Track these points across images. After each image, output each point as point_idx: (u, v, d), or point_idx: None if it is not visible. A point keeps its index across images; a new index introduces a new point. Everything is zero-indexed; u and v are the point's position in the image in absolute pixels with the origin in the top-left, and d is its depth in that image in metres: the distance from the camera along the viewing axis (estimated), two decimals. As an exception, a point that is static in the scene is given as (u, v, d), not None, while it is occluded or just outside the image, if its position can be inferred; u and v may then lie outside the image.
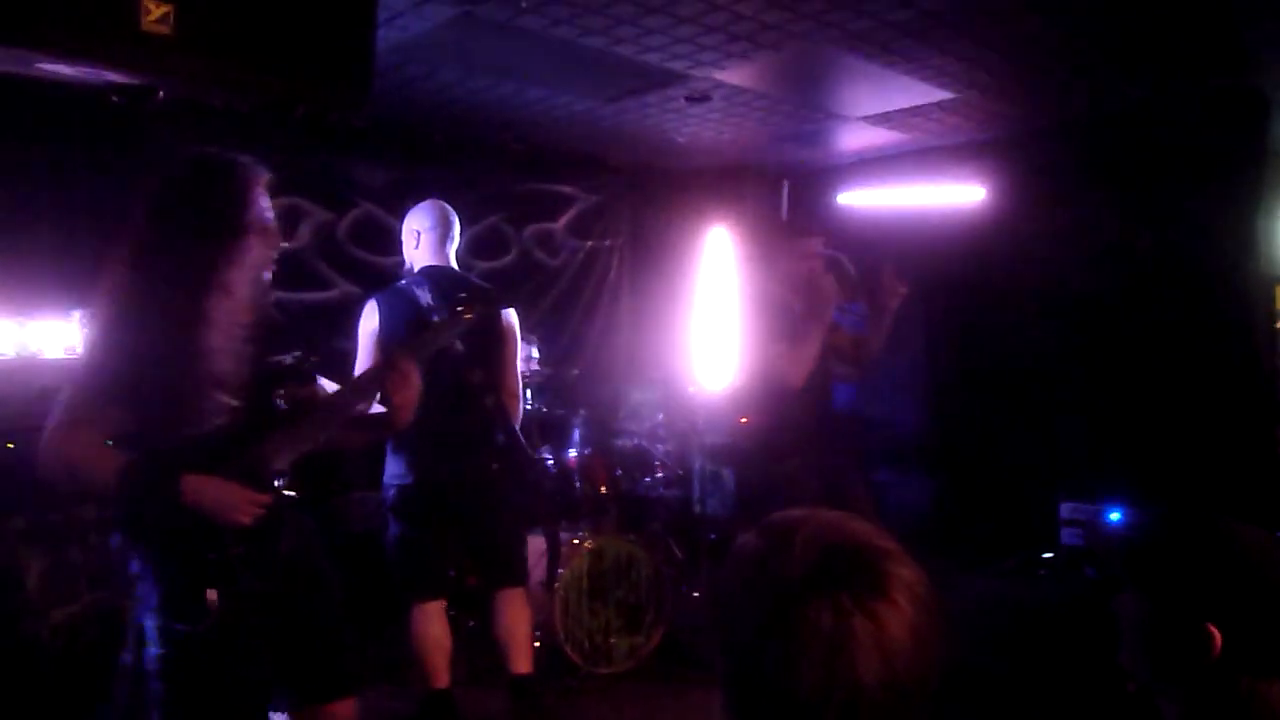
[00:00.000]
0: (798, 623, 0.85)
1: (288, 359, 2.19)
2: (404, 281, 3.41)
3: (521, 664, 3.34)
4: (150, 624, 1.98)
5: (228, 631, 1.98)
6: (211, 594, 1.94)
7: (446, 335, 2.46)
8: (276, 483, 2.10)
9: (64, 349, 3.64)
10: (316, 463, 4.36)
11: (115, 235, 2.04)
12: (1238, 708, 1.21)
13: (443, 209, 3.47)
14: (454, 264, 3.48)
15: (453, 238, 3.48)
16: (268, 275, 2.16)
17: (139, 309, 1.96)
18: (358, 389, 2.26)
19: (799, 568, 0.88)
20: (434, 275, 3.37)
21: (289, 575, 2.12)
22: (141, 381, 1.92)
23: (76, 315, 3.67)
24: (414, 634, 3.31)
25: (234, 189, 2.06)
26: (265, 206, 2.12)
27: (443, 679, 3.30)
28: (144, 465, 1.92)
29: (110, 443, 1.94)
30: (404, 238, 3.51)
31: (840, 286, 4.44)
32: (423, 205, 3.49)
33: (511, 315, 3.48)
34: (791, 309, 3.64)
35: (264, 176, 2.14)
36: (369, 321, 3.28)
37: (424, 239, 3.43)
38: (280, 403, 2.12)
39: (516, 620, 3.35)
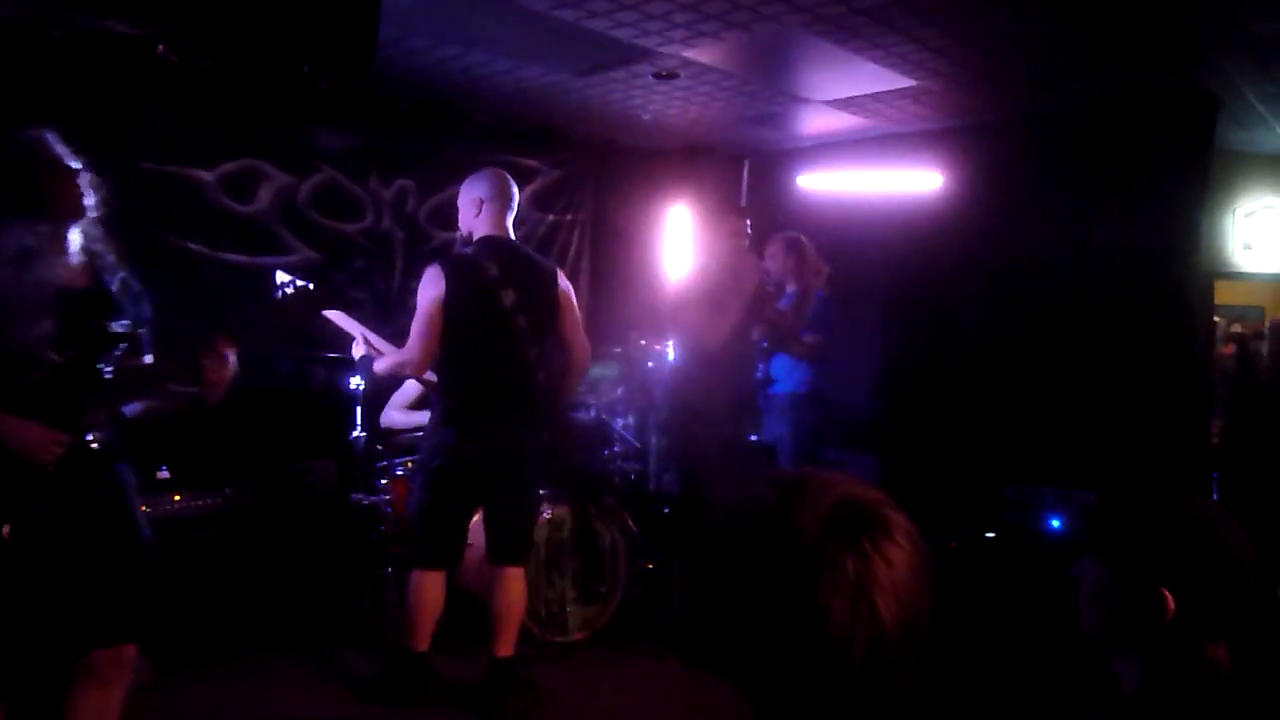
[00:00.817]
0: (826, 570, 0.90)
1: (116, 326, 2.35)
2: (468, 250, 3.38)
3: (505, 647, 3.35)
4: None
5: (17, 562, 2.16)
6: (5, 528, 2.14)
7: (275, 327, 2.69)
8: (89, 435, 2.28)
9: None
10: (273, 430, 4.37)
11: None
12: (1187, 668, 1.29)
13: (504, 179, 3.44)
14: (512, 234, 3.47)
15: (512, 208, 3.45)
16: (72, 247, 2.30)
17: None
18: (176, 365, 2.38)
19: (818, 518, 0.92)
20: (496, 246, 3.37)
21: (86, 520, 2.28)
22: None
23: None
24: (411, 595, 3.33)
25: (21, 167, 2.24)
26: (70, 184, 2.27)
27: (423, 643, 3.33)
28: None
29: None
30: (463, 205, 3.47)
31: (800, 268, 4.57)
32: (485, 173, 3.46)
33: (565, 283, 3.50)
34: (719, 281, 3.91)
35: (54, 149, 2.27)
36: (434, 288, 3.26)
37: (486, 208, 3.39)
38: (102, 364, 2.31)
39: (515, 601, 3.38)
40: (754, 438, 5.52)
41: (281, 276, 2.64)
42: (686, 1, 3.60)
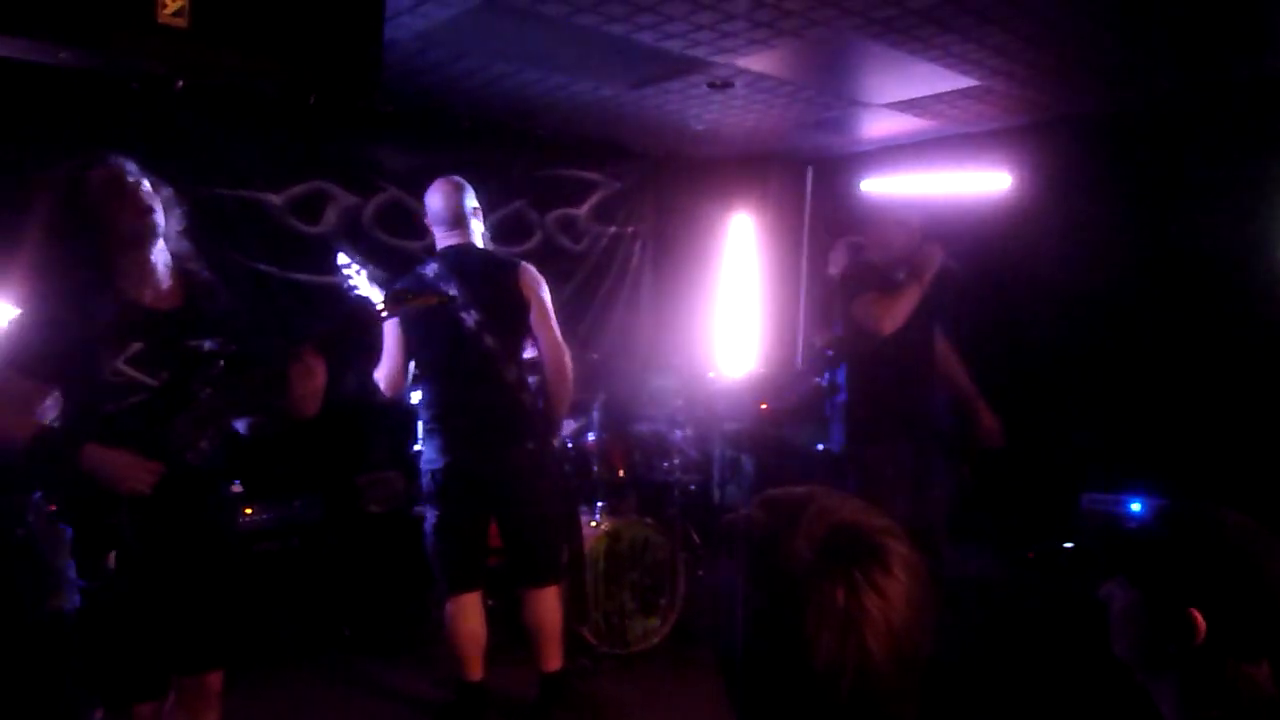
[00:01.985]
0: (814, 600, 0.89)
1: (207, 344, 2.33)
2: (427, 270, 3.31)
3: (550, 661, 3.29)
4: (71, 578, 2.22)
5: (124, 592, 2.18)
6: (110, 556, 2.15)
7: (363, 326, 2.55)
8: (190, 455, 2.26)
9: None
10: (340, 443, 4.48)
11: None
12: (1226, 690, 1.22)
13: (447, 186, 3.35)
14: (476, 240, 3.35)
15: (466, 211, 3.33)
16: (159, 268, 2.30)
17: (42, 292, 2.22)
18: (266, 378, 2.33)
19: (810, 546, 0.91)
20: (455, 259, 3.29)
21: (185, 547, 2.29)
22: (46, 355, 2.16)
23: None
24: (448, 628, 3.26)
25: (91, 192, 2.22)
26: (138, 202, 2.24)
27: (475, 672, 3.26)
28: (54, 432, 2.18)
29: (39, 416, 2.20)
30: (428, 223, 3.46)
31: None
32: (431, 187, 3.40)
33: (529, 275, 3.30)
34: (888, 272, 3.54)
35: (123, 171, 2.26)
36: None
37: (438, 222, 3.35)
38: (195, 386, 2.27)
39: (545, 619, 3.26)
40: (821, 447, 5.46)
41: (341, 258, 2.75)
42: (734, 11, 3.58)
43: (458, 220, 3.33)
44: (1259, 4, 3.50)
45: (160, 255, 2.30)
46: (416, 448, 4.21)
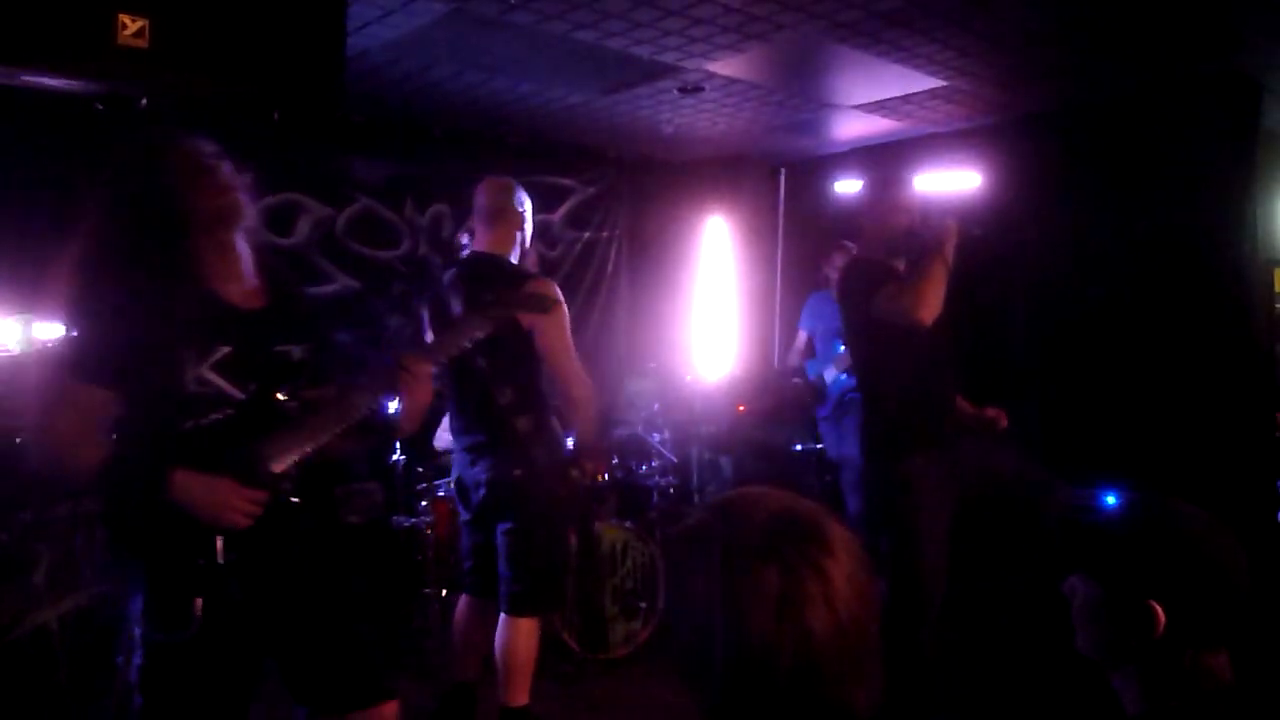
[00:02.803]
0: (746, 584, 0.91)
1: (297, 351, 2.02)
2: (445, 278, 3.20)
3: (507, 694, 3.07)
4: (136, 630, 1.87)
5: (211, 644, 1.84)
6: (198, 603, 1.81)
7: (464, 337, 2.21)
8: (281, 484, 1.94)
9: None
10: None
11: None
12: (1185, 680, 1.25)
13: (487, 183, 3.21)
14: (506, 247, 3.14)
15: (484, 218, 3.15)
16: (243, 260, 1.96)
17: (104, 289, 1.84)
18: (369, 389, 2.04)
19: (745, 535, 0.94)
20: (466, 262, 3.17)
21: (285, 585, 1.98)
22: (114, 355, 1.79)
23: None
24: (453, 624, 3.29)
25: (175, 168, 1.89)
26: (219, 180, 1.93)
27: (467, 673, 3.25)
28: (131, 456, 1.81)
29: (103, 432, 1.83)
30: None
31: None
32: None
33: (543, 295, 2.68)
34: (889, 263, 3.22)
35: (209, 149, 1.97)
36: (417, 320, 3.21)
37: (475, 219, 3.22)
38: (286, 398, 1.95)
39: (501, 649, 3.05)
40: (799, 447, 5.49)
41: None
42: (703, 15, 3.61)
43: (486, 221, 3.15)
44: (1219, 2, 3.55)
45: (245, 246, 1.97)
46: (396, 457, 4.22)
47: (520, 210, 3.19)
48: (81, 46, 2.01)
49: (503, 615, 3.06)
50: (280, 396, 1.95)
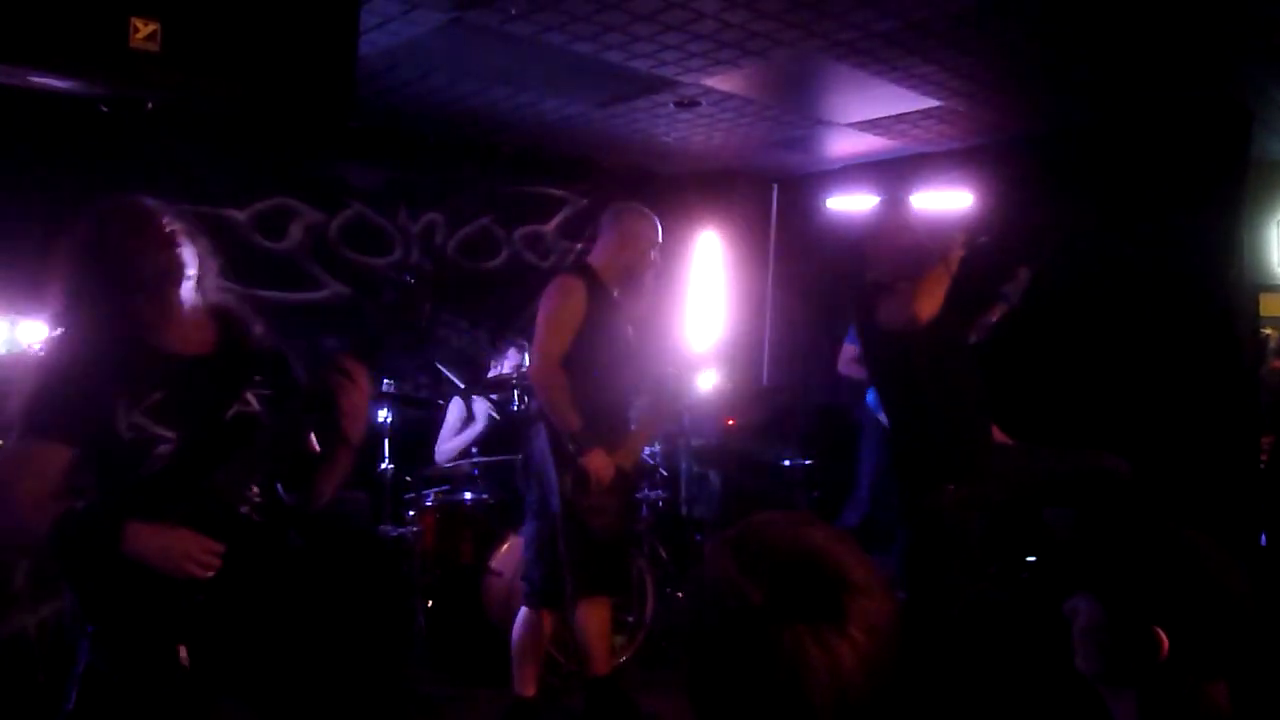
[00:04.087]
0: (757, 646, 0.89)
1: (242, 389, 2.04)
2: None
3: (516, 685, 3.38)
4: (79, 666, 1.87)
5: (197, 685, 1.84)
6: (182, 651, 1.80)
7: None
8: (243, 509, 1.94)
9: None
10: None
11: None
12: (1185, 707, 1.25)
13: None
14: (599, 256, 3.54)
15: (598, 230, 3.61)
16: (184, 309, 2.00)
17: (58, 343, 1.93)
18: (307, 401, 2.04)
19: (762, 593, 0.91)
20: None
21: (267, 612, 2.00)
22: (60, 411, 1.83)
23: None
24: (514, 636, 3.38)
25: (113, 227, 1.95)
26: (159, 238, 1.96)
27: (527, 688, 3.35)
28: (80, 514, 1.80)
29: (59, 493, 1.84)
30: None
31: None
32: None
33: (551, 286, 3.40)
34: (894, 286, 3.19)
35: (163, 216, 2.00)
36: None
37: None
38: (231, 435, 1.95)
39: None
40: (787, 463, 5.50)
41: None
42: (702, 31, 3.62)
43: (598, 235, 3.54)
44: (1211, 29, 3.59)
45: (188, 296, 1.99)
46: (384, 466, 4.19)
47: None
48: (93, 49, 1.99)
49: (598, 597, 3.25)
50: (229, 433, 1.94)
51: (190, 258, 1.98)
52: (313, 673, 2.06)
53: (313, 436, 2.09)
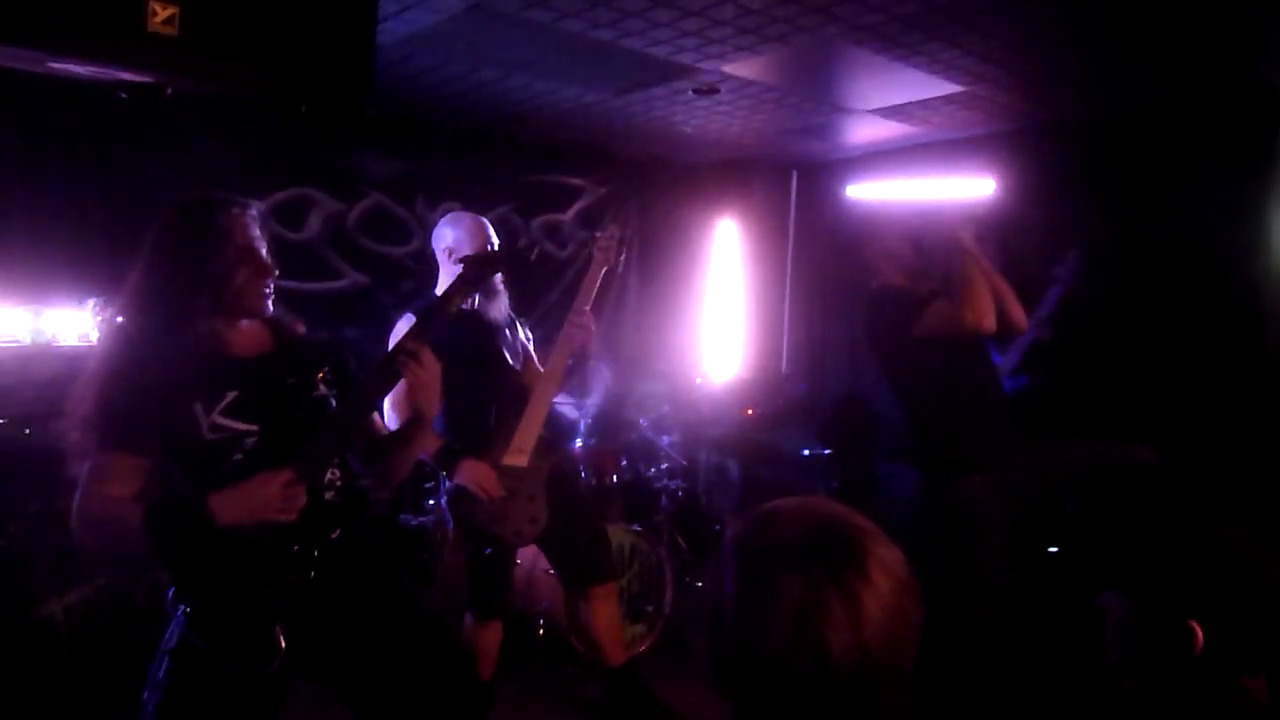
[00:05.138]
0: (765, 592, 0.90)
1: (305, 382, 2.08)
2: None
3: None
4: (185, 660, 1.89)
5: (305, 663, 1.91)
6: (278, 632, 1.84)
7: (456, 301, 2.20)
8: (327, 495, 1.99)
9: (78, 336, 3.69)
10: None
11: (125, 226, 2.02)
12: (1222, 702, 1.23)
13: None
14: None
15: None
16: (265, 303, 2.03)
17: (130, 344, 1.93)
18: (375, 383, 2.06)
19: (775, 543, 0.93)
20: None
21: (356, 593, 2.03)
22: (142, 422, 1.86)
23: (90, 303, 3.73)
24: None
25: (216, 231, 1.95)
26: (249, 242, 1.99)
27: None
28: (167, 502, 1.86)
29: (140, 497, 1.88)
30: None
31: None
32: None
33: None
34: (914, 286, 3.15)
35: (250, 211, 2.03)
36: None
37: None
38: (304, 426, 1.98)
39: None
40: (806, 451, 5.47)
41: None
42: (722, 17, 3.58)
43: None
44: (1241, 12, 3.53)
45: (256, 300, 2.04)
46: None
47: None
48: (111, 33, 1.99)
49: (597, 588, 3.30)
50: (302, 424, 1.97)
51: (268, 261, 2.01)
52: (390, 655, 2.06)
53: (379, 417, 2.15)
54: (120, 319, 1.97)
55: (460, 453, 3.05)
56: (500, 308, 3.31)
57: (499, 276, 3.24)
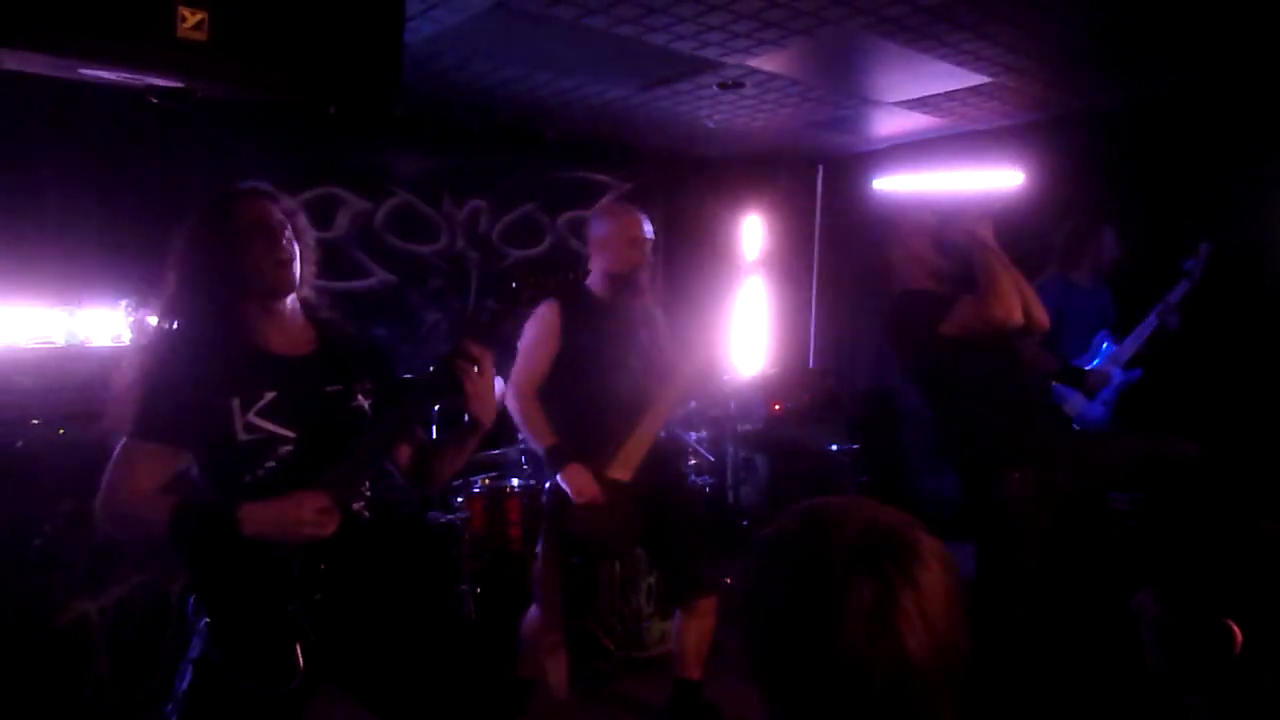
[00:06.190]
0: (838, 597, 0.88)
1: (346, 388, 2.01)
2: None
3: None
4: (206, 673, 1.86)
5: (308, 681, 1.86)
6: (298, 651, 1.81)
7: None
8: (355, 505, 1.95)
9: (111, 337, 3.74)
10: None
11: (157, 226, 2.01)
12: (1262, 702, 1.20)
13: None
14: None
15: None
16: (283, 275, 1.95)
17: (171, 337, 1.91)
18: (425, 390, 1.98)
19: (839, 547, 0.91)
20: None
21: (382, 614, 1.99)
22: (175, 415, 1.83)
23: (123, 304, 3.78)
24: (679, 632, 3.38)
25: (230, 215, 1.92)
26: (259, 215, 1.93)
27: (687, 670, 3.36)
28: (197, 506, 1.83)
29: (170, 490, 1.86)
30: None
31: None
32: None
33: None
34: (939, 284, 3.06)
35: (267, 194, 1.99)
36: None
37: None
38: (341, 433, 1.93)
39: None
40: (834, 447, 5.44)
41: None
42: (744, 11, 3.57)
43: None
44: (1274, 1, 3.46)
45: (292, 301, 2.00)
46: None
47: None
48: (141, 39, 2.01)
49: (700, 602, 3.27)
50: (340, 432, 1.92)
51: (306, 254, 1.98)
52: (417, 666, 2.03)
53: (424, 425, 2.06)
54: (157, 317, 1.94)
55: (569, 455, 3.00)
56: (641, 306, 3.30)
57: (644, 274, 3.27)
